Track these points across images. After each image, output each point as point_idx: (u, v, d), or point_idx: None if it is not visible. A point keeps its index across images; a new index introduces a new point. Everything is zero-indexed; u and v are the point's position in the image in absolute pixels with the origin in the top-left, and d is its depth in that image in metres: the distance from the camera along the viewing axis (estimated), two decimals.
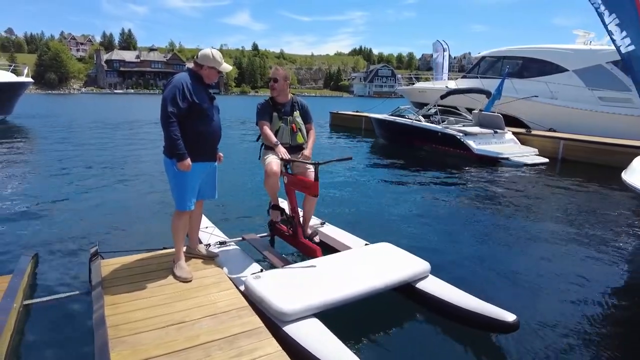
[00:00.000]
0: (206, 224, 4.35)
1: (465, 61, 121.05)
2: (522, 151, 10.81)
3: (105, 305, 2.68)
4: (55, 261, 4.08)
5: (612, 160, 9.43)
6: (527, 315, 3.09)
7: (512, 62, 15.54)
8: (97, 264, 3.31)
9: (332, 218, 4.86)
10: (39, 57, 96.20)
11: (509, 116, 13.43)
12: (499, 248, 4.83)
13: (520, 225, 5.58)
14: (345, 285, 2.88)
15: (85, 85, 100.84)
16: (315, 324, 2.56)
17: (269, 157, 3.63)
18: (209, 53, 3.16)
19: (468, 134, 11.03)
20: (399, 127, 13.03)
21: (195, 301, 2.82)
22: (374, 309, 3.16)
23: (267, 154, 3.69)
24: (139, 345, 2.29)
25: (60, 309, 3.13)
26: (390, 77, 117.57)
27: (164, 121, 2.95)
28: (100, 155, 10.85)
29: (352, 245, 3.84)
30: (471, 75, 17.65)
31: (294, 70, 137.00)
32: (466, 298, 2.95)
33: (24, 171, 8.66)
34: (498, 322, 2.71)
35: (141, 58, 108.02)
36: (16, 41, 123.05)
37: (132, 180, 7.86)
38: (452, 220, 5.80)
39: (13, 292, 2.92)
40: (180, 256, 3.27)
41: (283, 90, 3.76)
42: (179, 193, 3.17)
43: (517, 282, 3.85)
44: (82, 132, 16.82)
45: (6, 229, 5.02)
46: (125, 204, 6.26)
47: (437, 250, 4.52)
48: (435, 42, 22.66)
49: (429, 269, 3.28)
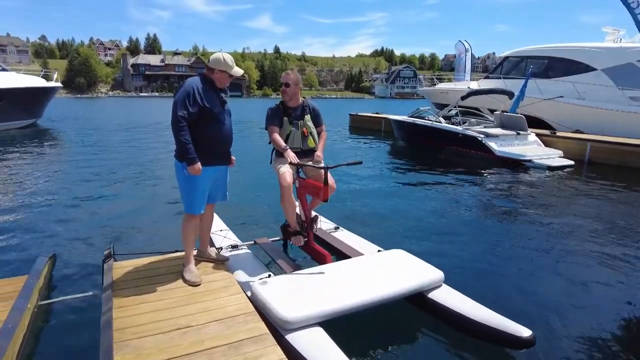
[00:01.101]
0: (220, 226, 4.36)
1: (489, 61, 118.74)
2: (546, 153, 10.47)
3: (113, 307, 2.71)
4: (72, 262, 4.16)
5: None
6: (544, 331, 2.96)
7: (536, 62, 15.11)
8: (110, 266, 3.36)
9: (346, 222, 4.81)
10: (69, 62, 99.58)
11: (533, 117, 13.07)
12: (518, 258, 4.62)
13: (542, 233, 5.36)
14: (353, 293, 2.81)
15: (112, 89, 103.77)
16: (318, 334, 2.50)
17: (282, 168, 3.59)
18: (220, 57, 3.16)
19: (489, 136, 10.77)
20: (419, 128, 12.85)
21: (202, 305, 2.81)
22: (383, 318, 3.08)
23: (279, 163, 3.66)
24: (142, 350, 2.29)
25: (74, 310, 3.19)
26: (412, 78, 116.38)
27: (174, 125, 2.96)
28: (122, 158, 11.11)
29: (365, 251, 3.77)
30: (494, 75, 17.26)
31: (315, 72, 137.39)
32: (480, 310, 2.84)
33: (49, 173, 8.94)
34: (513, 337, 2.59)
35: (166, 62, 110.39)
36: (49, 47, 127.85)
37: (151, 182, 8.01)
38: (470, 226, 5.63)
39: (28, 293, 2.98)
40: (190, 260, 3.28)
41: (295, 95, 3.73)
42: (188, 197, 3.18)
43: (535, 295, 3.67)
44: (107, 135, 17.27)
45: (28, 229, 5.16)
46: (143, 206, 6.36)
47: (452, 258, 4.39)
48: (457, 42, 22.30)
49: (442, 278, 3.17)
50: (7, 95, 16.60)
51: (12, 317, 2.63)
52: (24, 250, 4.46)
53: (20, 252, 4.41)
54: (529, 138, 11.16)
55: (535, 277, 4.06)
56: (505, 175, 8.99)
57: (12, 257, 4.31)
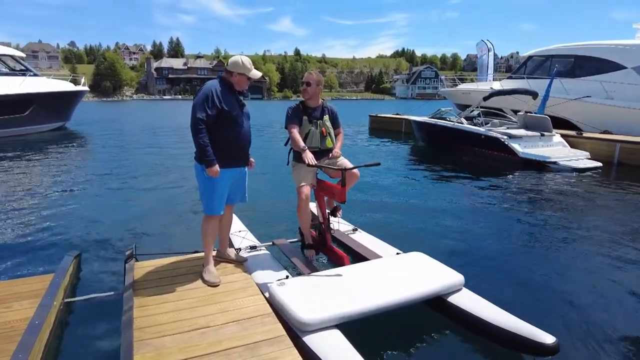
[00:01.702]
0: (239, 227, 4.41)
1: (513, 61, 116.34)
2: (572, 155, 10.14)
3: (134, 306, 2.76)
4: (97, 261, 4.28)
5: None
6: (568, 338, 2.87)
7: (562, 60, 14.69)
8: (131, 266, 3.43)
9: (365, 224, 4.78)
10: (96, 67, 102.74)
11: (558, 118, 12.71)
12: (541, 263, 4.46)
13: (568, 238, 5.19)
14: (371, 296, 2.79)
15: (136, 92, 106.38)
16: (335, 336, 2.49)
17: (302, 182, 3.61)
18: (238, 60, 3.19)
19: (513, 137, 10.53)
20: (440, 129, 12.67)
21: (221, 306, 2.84)
22: (402, 322, 3.04)
23: (297, 171, 3.67)
24: (162, 349, 2.32)
25: (97, 308, 3.26)
26: (434, 78, 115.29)
27: (193, 127, 3.01)
28: (145, 159, 11.36)
29: (383, 253, 3.74)
30: (517, 75, 16.88)
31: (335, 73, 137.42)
32: (502, 315, 2.77)
33: (75, 174, 9.22)
34: (535, 343, 2.51)
35: (188, 65, 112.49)
36: (77, 53, 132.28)
37: (172, 184, 8.15)
38: (492, 230, 5.51)
39: (54, 291, 3.08)
40: (209, 260, 3.32)
41: (315, 95, 3.75)
42: (207, 198, 3.22)
43: (559, 302, 3.55)
44: (131, 137, 17.71)
45: (54, 229, 5.33)
46: (164, 207, 6.48)
47: (473, 261, 4.30)
48: (479, 41, 21.90)
49: (462, 281, 3.12)
50: (38, 99, 17.22)
51: (40, 314, 2.72)
52: (51, 250, 4.60)
53: (48, 251, 4.55)
54: (553, 139, 10.86)
55: (559, 283, 3.93)
56: (529, 178, 8.77)
57: (40, 255, 4.46)
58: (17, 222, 5.58)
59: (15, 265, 4.18)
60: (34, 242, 4.84)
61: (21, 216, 5.86)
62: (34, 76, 18.19)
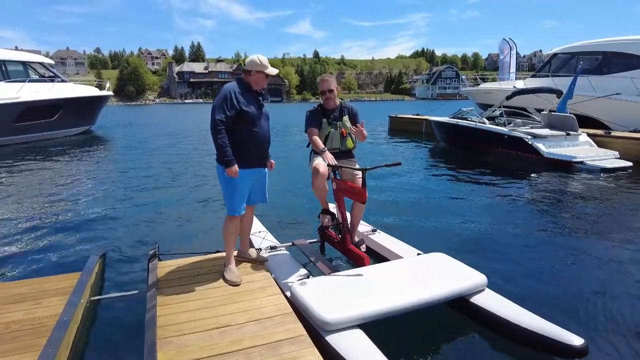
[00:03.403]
0: (259, 228, 4.43)
1: (536, 59, 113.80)
2: (599, 154, 9.79)
3: (157, 305, 2.81)
4: (121, 261, 4.37)
5: None
6: (597, 341, 2.77)
7: (588, 57, 14.28)
8: (155, 265, 3.49)
9: (384, 225, 4.75)
10: (120, 72, 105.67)
11: (585, 117, 12.32)
12: (566, 264, 4.34)
13: (594, 239, 5.01)
14: (393, 296, 2.76)
15: (158, 96, 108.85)
16: (358, 335, 2.47)
17: (315, 159, 3.64)
18: (255, 59, 3.23)
19: (537, 137, 10.26)
20: (461, 130, 12.47)
21: (241, 305, 2.86)
22: (424, 323, 3.00)
23: (315, 157, 3.70)
24: (184, 347, 2.35)
25: (122, 307, 3.34)
26: (455, 78, 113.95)
27: (213, 129, 3.05)
28: (167, 161, 11.57)
29: (404, 254, 3.70)
30: (541, 74, 16.49)
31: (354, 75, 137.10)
32: (527, 316, 2.69)
33: (100, 177, 9.47)
34: (563, 345, 2.43)
35: (209, 69, 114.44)
36: (102, 59, 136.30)
37: (194, 185, 8.28)
38: (514, 230, 5.37)
39: (81, 289, 3.16)
40: (231, 260, 3.35)
41: (332, 97, 3.76)
42: (229, 198, 3.25)
43: (586, 303, 3.43)
44: (154, 140, 18.07)
45: (81, 229, 5.48)
46: (186, 207, 6.58)
47: (496, 262, 4.20)
48: (501, 40, 21.49)
49: (485, 282, 3.05)
50: (65, 104, 17.80)
51: (67, 311, 2.80)
52: (78, 249, 4.73)
53: (74, 251, 4.69)
54: (579, 138, 10.52)
55: (585, 285, 3.79)
56: (555, 178, 8.53)
57: (67, 254, 4.59)
58: (47, 222, 5.76)
59: (45, 264, 4.32)
60: (62, 242, 4.99)
61: (50, 217, 6.06)
62: (62, 82, 18.79)
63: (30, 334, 2.58)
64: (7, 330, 2.62)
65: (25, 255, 4.56)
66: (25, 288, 3.22)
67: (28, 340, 2.50)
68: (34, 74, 18.09)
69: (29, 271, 4.14)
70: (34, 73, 18.14)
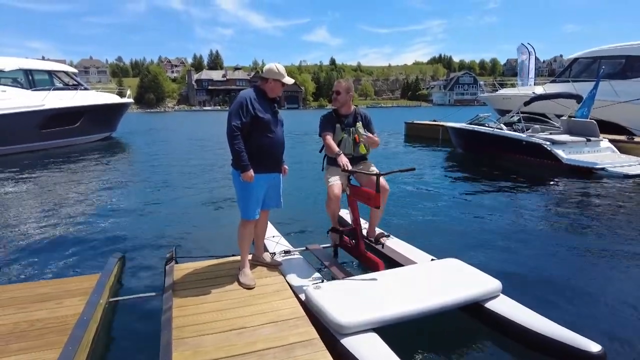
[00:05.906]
0: (273, 233, 4.49)
1: (556, 64, 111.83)
2: (622, 160, 9.55)
3: (173, 307, 2.87)
4: (138, 263, 4.47)
5: None
6: (615, 348, 2.70)
7: (611, 62, 13.95)
8: (171, 268, 3.57)
9: (398, 231, 4.73)
10: (140, 80, 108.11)
11: (607, 122, 12.03)
12: (584, 271, 4.24)
13: (616, 247, 4.88)
14: (407, 301, 2.76)
15: (178, 104, 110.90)
16: (374, 339, 2.47)
17: (331, 179, 3.68)
18: (273, 67, 3.30)
19: (556, 143, 10.07)
20: (479, 136, 12.32)
21: (256, 308, 2.90)
22: (438, 328, 2.98)
23: (330, 172, 3.72)
24: (200, 347, 2.40)
25: (140, 308, 3.41)
26: (472, 84, 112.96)
27: (229, 134, 3.12)
28: (185, 167, 11.78)
29: (418, 259, 3.69)
30: (561, 79, 16.20)
31: (371, 81, 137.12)
32: (542, 322, 2.66)
33: (120, 181, 9.71)
34: (580, 352, 2.39)
35: (227, 77, 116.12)
36: (124, 67, 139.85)
37: (210, 190, 8.41)
38: (532, 238, 5.27)
39: (100, 290, 3.25)
40: (245, 263, 3.40)
41: (346, 102, 3.80)
42: (244, 203, 3.31)
43: (605, 310, 3.36)
44: (173, 146, 18.42)
45: (101, 232, 5.62)
46: (203, 212, 6.70)
47: (511, 268, 4.13)
48: (519, 45, 21.23)
49: (500, 287, 3.02)
50: (87, 111, 18.33)
51: (88, 311, 2.89)
52: (97, 251, 4.86)
53: (95, 253, 4.81)
54: (601, 144, 10.29)
55: (603, 292, 3.69)
56: (575, 184, 8.35)
57: (87, 256, 4.72)
58: (68, 225, 5.94)
59: (67, 265, 4.46)
60: (82, 244, 5.12)
61: (72, 219, 6.24)
62: (85, 90, 19.35)
63: (54, 331, 2.67)
64: (32, 327, 2.73)
65: (48, 257, 4.70)
66: (49, 288, 3.34)
67: (51, 338, 2.59)
68: (59, 82, 18.67)
69: (53, 272, 4.27)
70: (59, 81, 18.72)
